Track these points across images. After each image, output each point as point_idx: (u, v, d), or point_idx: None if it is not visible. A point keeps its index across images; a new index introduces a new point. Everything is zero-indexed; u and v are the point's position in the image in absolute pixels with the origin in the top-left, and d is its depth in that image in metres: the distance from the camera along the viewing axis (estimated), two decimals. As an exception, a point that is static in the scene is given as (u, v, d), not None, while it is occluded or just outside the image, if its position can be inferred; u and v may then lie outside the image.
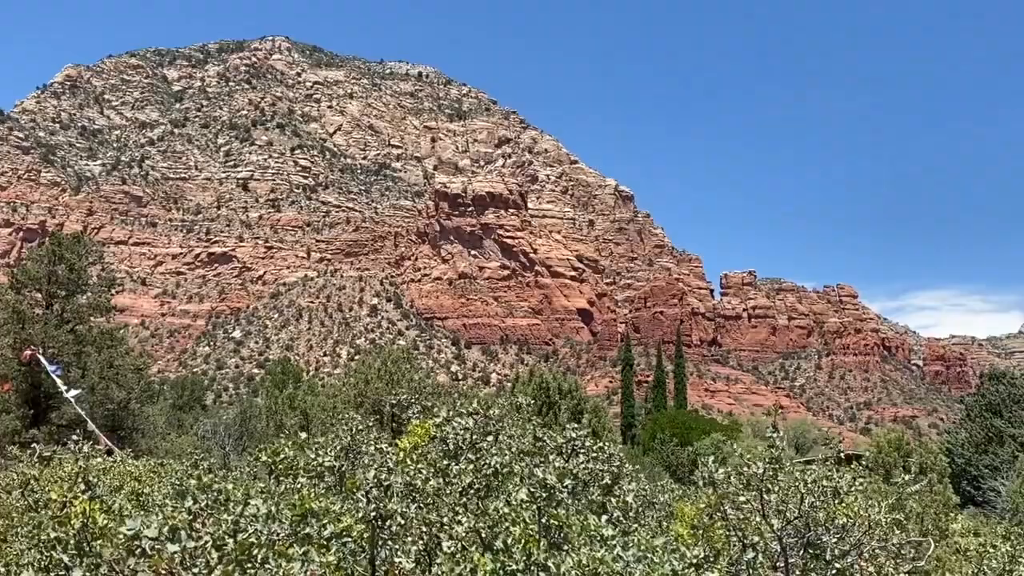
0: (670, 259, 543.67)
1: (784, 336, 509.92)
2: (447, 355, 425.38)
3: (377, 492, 7.59)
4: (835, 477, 11.51)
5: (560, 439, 11.22)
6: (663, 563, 7.32)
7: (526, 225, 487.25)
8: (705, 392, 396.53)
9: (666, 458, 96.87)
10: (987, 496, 63.92)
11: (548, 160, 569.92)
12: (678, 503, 17.32)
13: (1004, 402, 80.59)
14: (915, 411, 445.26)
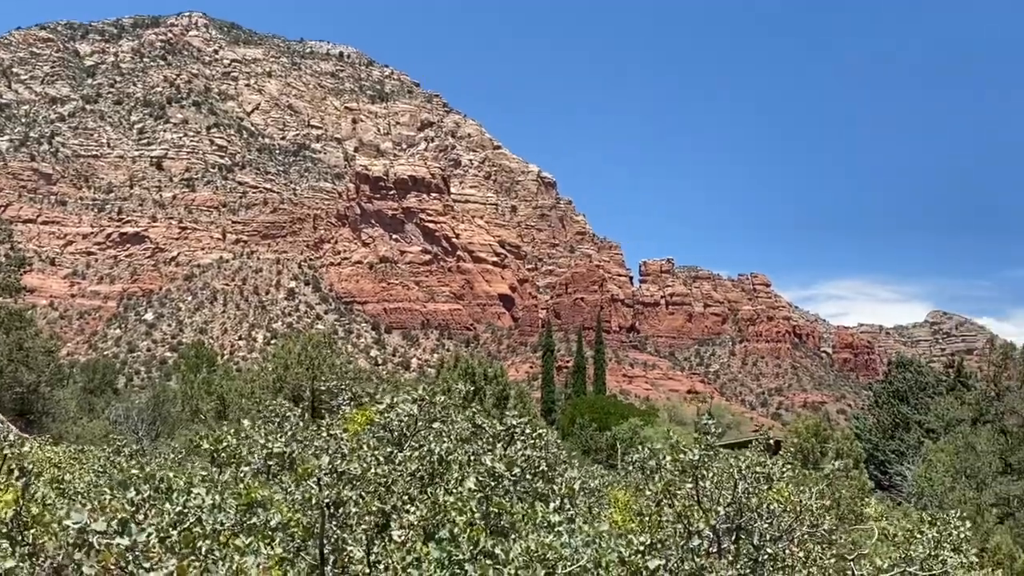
0: (591, 246, 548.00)
1: (700, 323, 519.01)
2: (367, 340, 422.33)
3: (330, 479, 7.48)
4: (768, 463, 11.75)
5: (500, 426, 11.22)
6: (611, 549, 7.37)
7: (448, 210, 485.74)
8: (623, 377, 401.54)
9: (585, 443, 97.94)
10: (894, 481, 66.11)
11: (471, 145, 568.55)
12: (609, 489, 17.51)
13: (910, 389, 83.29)
14: (824, 397, 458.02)
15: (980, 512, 51.60)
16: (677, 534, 10.07)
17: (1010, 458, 60.16)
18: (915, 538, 11.86)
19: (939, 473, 54.03)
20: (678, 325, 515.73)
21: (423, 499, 8.35)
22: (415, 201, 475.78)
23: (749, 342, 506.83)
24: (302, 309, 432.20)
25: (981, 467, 57.10)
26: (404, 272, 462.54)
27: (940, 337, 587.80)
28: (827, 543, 12.62)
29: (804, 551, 12.38)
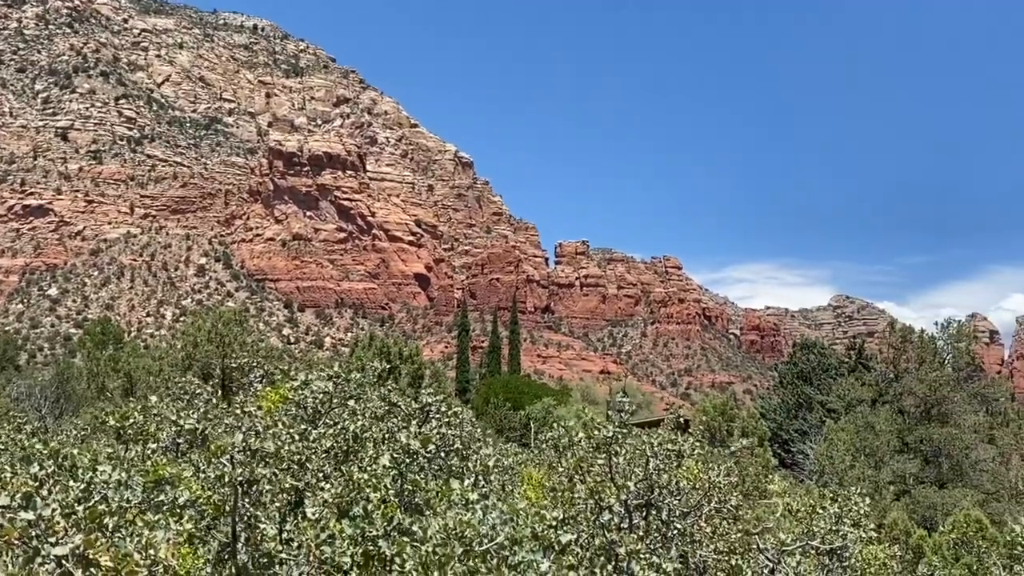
0: (507, 227, 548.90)
1: (613, 304, 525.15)
2: (279, 318, 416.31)
3: (244, 457, 7.36)
4: (679, 441, 11.99)
5: (415, 404, 11.20)
6: (526, 525, 7.44)
7: (364, 187, 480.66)
8: (538, 358, 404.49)
9: (499, 422, 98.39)
10: (796, 459, 67.99)
11: (388, 122, 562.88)
12: (522, 467, 17.65)
13: (813, 370, 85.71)
14: (731, 377, 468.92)
15: (878, 489, 53.56)
16: (588, 509, 10.21)
17: (907, 437, 62.49)
18: (817, 514, 12.26)
19: (840, 451, 55.78)
20: (592, 306, 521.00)
21: (337, 476, 8.30)
22: (330, 178, 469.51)
23: (661, 324, 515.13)
24: (212, 286, 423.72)
25: (880, 446, 59.19)
26: (318, 250, 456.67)
27: (843, 320, 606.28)
28: (733, 518, 12.95)
29: (711, 526, 12.68)
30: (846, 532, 12.11)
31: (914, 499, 54.66)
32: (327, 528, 7.29)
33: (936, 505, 52.23)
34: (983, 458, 60.70)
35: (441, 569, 6.74)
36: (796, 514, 13.16)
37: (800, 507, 13.10)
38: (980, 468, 59.99)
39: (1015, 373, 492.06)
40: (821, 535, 12.29)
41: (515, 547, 7.23)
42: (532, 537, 7.60)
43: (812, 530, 11.99)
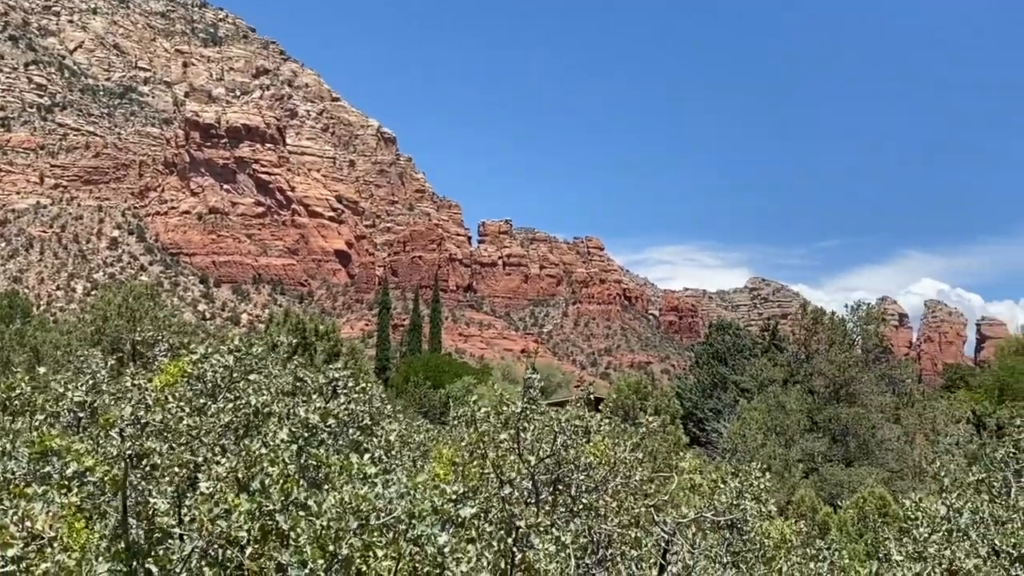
0: (430, 204, 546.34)
1: (535, 284, 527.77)
2: (194, 293, 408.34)
3: (133, 429, 7.16)
4: (586, 417, 12.09)
5: (321, 379, 11.07)
6: (425, 499, 7.41)
7: (283, 161, 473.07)
8: (459, 336, 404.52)
9: (419, 400, 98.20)
10: (710, 437, 69.33)
11: (309, 95, 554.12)
12: (434, 443, 17.64)
13: (729, 351, 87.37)
14: (650, 357, 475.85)
15: (788, 467, 54.96)
16: (490, 483, 10.24)
17: (816, 416, 64.16)
18: (719, 488, 12.51)
19: (752, 430, 57.04)
20: (514, 286, 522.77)
21: (236, 451, 8.15)
22: (248, 151, 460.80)
23: (582, 304, 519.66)
24: (125, 259, 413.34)
25: (790, 425, 60.66)
26: (235, 224, 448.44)
27: (758, 302, 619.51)
28: (640, 494, 13.12)
29: (617, 501, 12.83)
30: (747, 507, 12.37)
31: (822, 477, 56.18)
32: (223, 502, 7.15)
33: (843, 483, 53.78)
34: (889, 437, 62.61)
35: (336, 543, 6.67)
36: (699, 489, 13.40)
37: (704, 482, 13.35)
38: (886, 447, 61.88)
39: (922, 355, 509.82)
40: (723, 509, 12.53)
41: (413, 521, 7.20)
42: (432, 511, 7.57)
43: (714, 504, 12.22)
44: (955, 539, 10.51)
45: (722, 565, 11.97)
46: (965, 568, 9.43)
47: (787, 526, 29.97)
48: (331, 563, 6.71)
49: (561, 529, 8.93)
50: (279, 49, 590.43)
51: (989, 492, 12.61)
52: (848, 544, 29.12)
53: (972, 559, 9.77)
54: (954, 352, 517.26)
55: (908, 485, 49.66)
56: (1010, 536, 10.51)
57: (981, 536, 11.02)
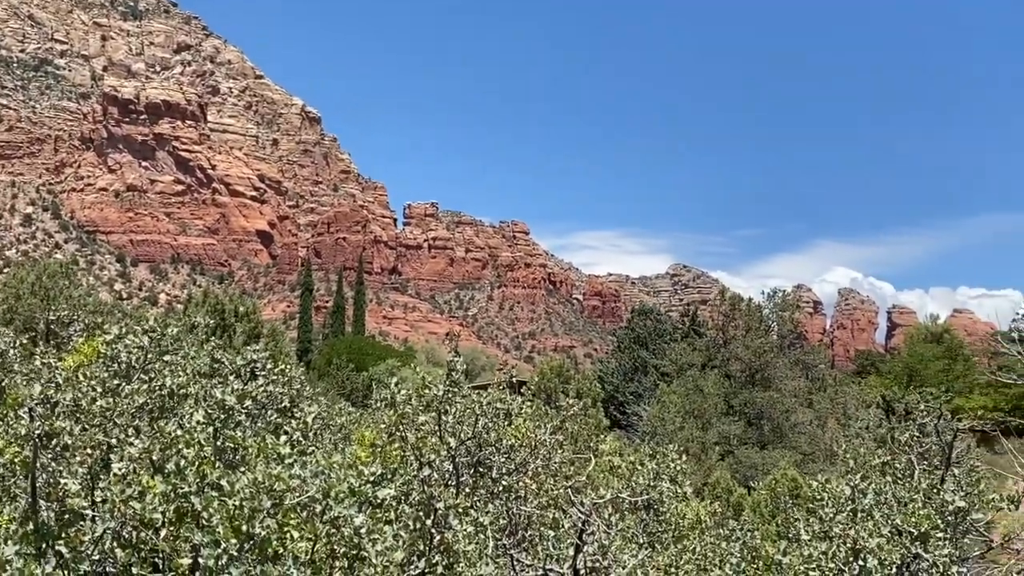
0: (355, 186, 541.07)
1: (461, 267, 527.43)
2: (111, 272, 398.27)
3: (43, 409, 7.01)
4: (508, 400, 12.20)
5: (239, 361, 10.95)
6: (341, 480, 7.41)
7: (205, 139, 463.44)
8: (384, 319, 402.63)
9: (342, 383, 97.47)
10: (631, 420, 70.31)
11: (231, 72, 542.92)
12: (355, 426, 17.57)
13: (650, 335, 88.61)
14: (573, 341, 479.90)
15: (705, 450, 56.06)
16: (409, 465, 10.28)
17: (732, 400, 65.54)
18: (637, 470, 12.75)
19: (671, 413, 58.01)
20: (440, 269, 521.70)
21: (150, 432, 8.04)
22: (168, 128, 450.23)
23: (507, 288, 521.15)
24: (40, 237, 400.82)
25: (707, 408, 61.86)
26: (154, 202, 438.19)
27: (679, 288, 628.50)
28: (560, 475, 13.30)
29: (537, 483, 12.99)
30: (663, 488, 12.63)
31: (737, 459, 57.46)
32: (137, 484, 7.06)
33: (757, 465, 55.07)
34: (801, 421, 64.29)
35: (248, 523, 6.64)
36: (618, 471, 13.63)
37: (622, 464, 13.58)
38: (798, 430, 63.52)
39: (835, 342, 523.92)
40: (640, 490, 12.77)
41: (330, 502, 7.19)
42: (349, 492, 7.57)
43: (631, 486, 12.45)
44: (859, 519, 10.89)
45: (638, 545, 12.20)
46: (868, 546, 9.79)
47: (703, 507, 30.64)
48: (245, 543, 6.68)
49: (480, 510, 9.01)
50: (201, 25, 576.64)
51: (893, 474, 13.09)
52: (761, 525, 29.88)
53: (875, 538, 10.14)
54: (866, 339, 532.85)
55: (819, 467, 51.06)
56: (911, 516, 10.94)
57: (885, 516, 11.45)
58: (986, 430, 52.50)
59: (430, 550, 8.25)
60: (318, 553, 7.51)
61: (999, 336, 52.70)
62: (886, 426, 59.44)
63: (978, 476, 13.77)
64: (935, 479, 12.80)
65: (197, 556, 6.87)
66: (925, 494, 11.88)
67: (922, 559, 11.10)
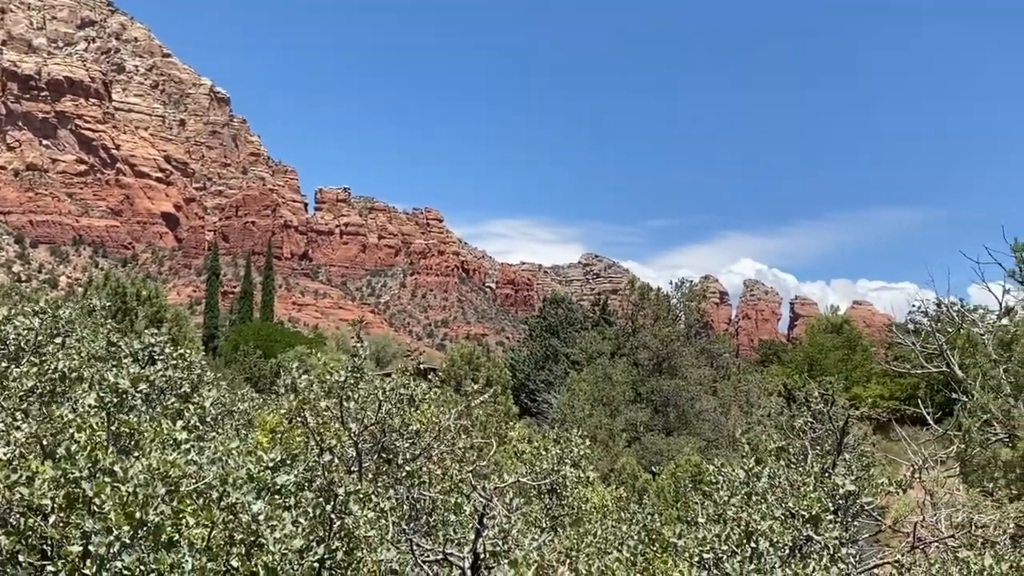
0: (265, 169, 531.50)
1: (373, 254, 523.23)
2: (9, 254, 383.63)
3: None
4: (411, 386, 12.20)
5: (137, 345, 10.70)
6: (239, 466, 7.33)
7: (109, 118, 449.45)
8: (293, 305, 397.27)
9: (249, 370, 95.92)
10: (541, 408, 70.92)
11: (138, 50, 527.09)
12: (258, 412, 17.35)
13: (561, 324, 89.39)
14: (486, 329, 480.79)
15: (612, 436, 56.88)
16: (310, 450, 10.21)
17: (640, 388, 66.59)
18: (541, 455, 12.90)
19: (580, 401, 58.67)
20: (352, 255, 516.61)
21: (39, 416, 7.82)
22: (71, 105, 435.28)
23: (420, 275, 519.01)
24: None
25: (615, 396, 62.74)
26: (55, 182, 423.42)
27: (591, 277, 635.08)
28: (465, 461, 13.36)
29: (442, 468, 13.02)
30: (566, 472, 12.81)
31: (643, 445, 58.42)
32: (24, 469, 6.87)
33: (662, 451, 56.09)
34: (706, 408, 65.66)
35: (142, 510, 6.53)
36: (523, 456, 13.77)
37: (527, 450, 13.73)
38: (703, 417, 64.88)
39: (740, 331, 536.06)
40: (544, 474, 12.92)
41: (227, 488, 7.11)
42: (248, 478, 7.50)
43: (535, 470, 12.59)
44: (753, 502, 11.22)
45: (540, 529, 12.36)
46: (760, 529, 10.09)
47: (608, 492, 31.09)
48: (138, 530, 6.56)
49: (382, 496, 9.01)
50: (106, 0, 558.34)
51: (787, 459, 13.51)
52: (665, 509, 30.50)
53: (768, 520, 10.45)
54: (769, 329, 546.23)
55: (722, 454, 52.29)
56: (803, 499, 11.31)
57: (778, 499, 11.81)
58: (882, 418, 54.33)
59: (330, 536, 8.22)
60: (215, 540, 7.41)
61: (895, 328, 54.64)
62: (787, 414, 61.19)
63: (868, 461, 14.30)
64: (827, 463, 13.25)
65: (88, 543, 6.73)
66: (817, 478, 12.29)
67: (813, 541, 11.49)
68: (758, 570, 9.30)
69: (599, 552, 11.71)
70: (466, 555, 9.58)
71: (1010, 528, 19.29)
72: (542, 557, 8.60)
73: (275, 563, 7.25)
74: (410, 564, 8.25)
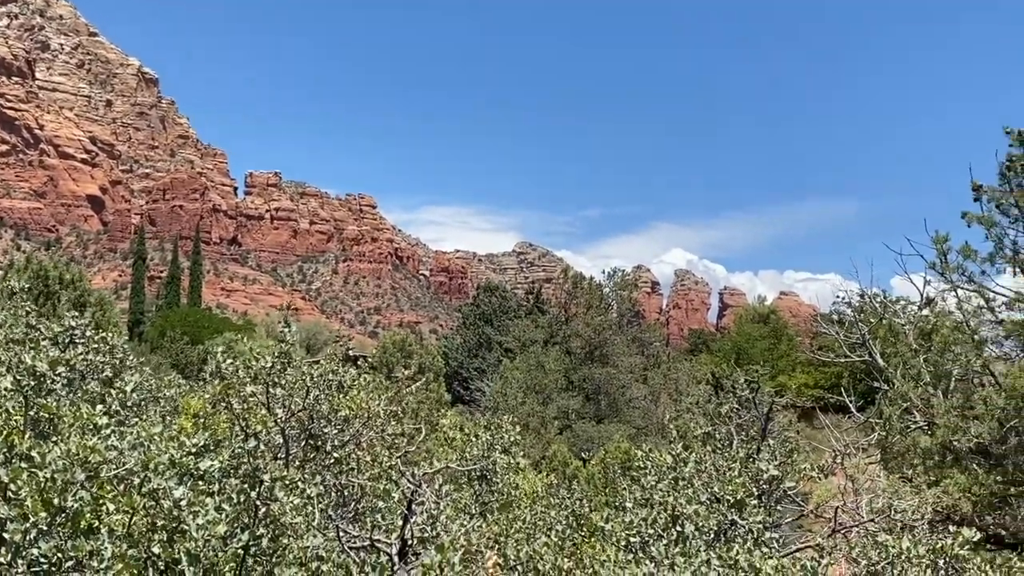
0: (194, 152, 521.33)
1: (305, 240, 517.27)
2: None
3: None
4: (340, 372, 12.10)
5: (57, 328, 10.43)
6: (162, 452, 7.19)
7: (32, 97, 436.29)
8: (222, 291, 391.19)
9: (176, 356, 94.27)
10: (474, 396, 71.03)
11: (63, 28, 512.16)
12: (184, 398, 17.06)
13: (495, 312, 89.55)
14: (419, 317, 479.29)
15: (544, 424, 57.21)
16: (234, 436, 10.07)
17: (572, 376, 67.08)
18: (471, 441, 12.91)
19: (513, 389, 58.89)
20: (282, 240, 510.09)
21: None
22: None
23: (352, 261, 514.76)
24: None
25: (548, 384, 63.10)
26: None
27: (525, 266, 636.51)
28: (395, 447, 13.31)
29: (372, 455, 12.95)
30: (496, 458, 12.84)
31: (575, 433, 58.89)
32: (-67, 456, 6.64)
33: (593, 438, 56.62)
34: (637, 396, 66.45)
35: (61, 496, 6.37)
36: (453, 443, 13.77)
37: (458, 437, 13.72)
38: (633, 405, 65.65)
39: (671, 321, 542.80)
40: (474, 460, 12.94)
41: (148, 473, 6.98)
42: (170, 464, 7.36)
43: (466, 456, 12.60)
44: (680, 487, 11.38)
45: (470, 515, 12.37)
46: (686, 513, 10.24)
47: (539, 479, 31.26)
48: (56, 517, 6.40)
49: (308, 482, 8.92)
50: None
51: (713, 445, 13.73)
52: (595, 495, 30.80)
53: (693, 505, 10.61)
54: (699, 318, 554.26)
55: (652, 440, 52.97)
56: (728, 484, 11.51)
57: (704, 484, 12.00)
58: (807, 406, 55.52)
59: (255, 523, 8.11)
60: (136, 527, 7.27)
61: (820, 318, 55.85)
62: (715, 401, 62.23)
63: (791, 447, 14.61)
64: (752, 449, 13.50)
65: (2, 531, 6.54)
66: (742, 464, 12.51)
67: (738, 525, 11.70)
68: (683, 553, 9.43)
69: (528, 537, 11.77)
70: (393, 541, 9.54)
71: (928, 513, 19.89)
72: (469, 542, 8.61)
73: (198, 549, 7.14)
74: (336, 551, 8.19)
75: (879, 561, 9.96)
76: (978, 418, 25.13)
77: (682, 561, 9.01)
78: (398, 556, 9.40)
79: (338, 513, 10.96)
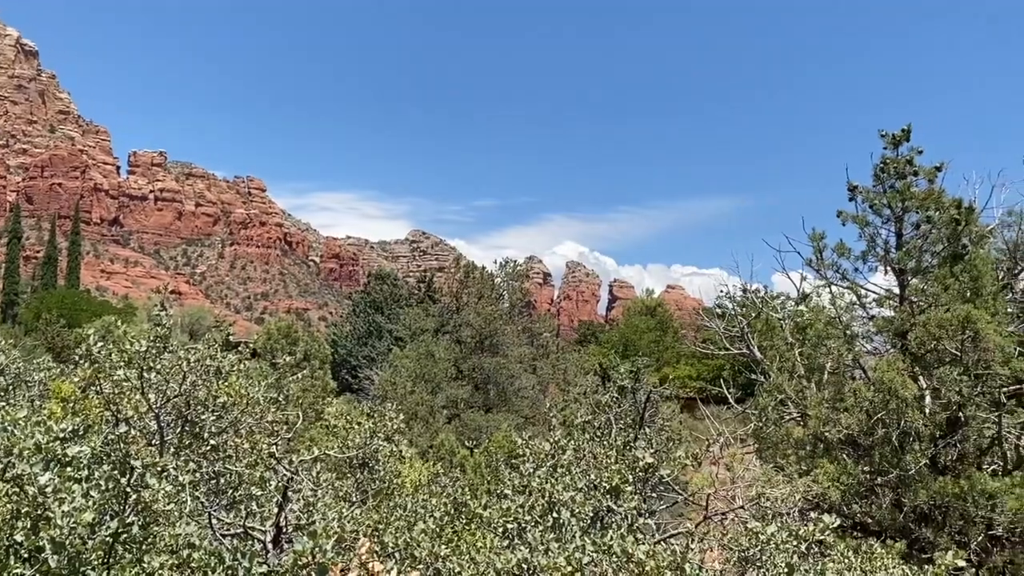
0: (75, 128, 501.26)
1: (190, 222, 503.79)
2: None
3: None
4: (219, 357, 11.90)
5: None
6: (27, 436, 6.99)
7: None
8: (102, 273, 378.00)
9: (51, 340, 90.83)
10: (363, 384, 70.52)
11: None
12: (55, 382, 16.49)
13: (386, 300, 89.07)
14: (308, 304, 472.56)
15: (433, 413, 57.25)
16: (105, 421, 9.83)
17: (462, 365, 67.21)
18: (353, 428, 12.89)
19: (402, 378, 58.69)
20: (167, 222, 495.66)
21: None
22: None
23: (239, 246, 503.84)
24: None
25: (437, 373, 63.09)
26: None
27: (418, 254, 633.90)
28: (275, 434, 13.16)
29: (251, 442, 12.78)
30: (379, 446, 12.85)
31: (463, 422, 59.08)
32: None
33: (481, 427, 56.91)
34: (525, 386, 67.02)
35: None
36: (335, 431, 13.71)
37: (340, 424, 13.67)
38: (522, 395, 66.18)
39: (561, 311, 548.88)
40: (356, 447, 12.92)
41: (11, 459, 6.78)
42: (36, 449, 7.16)
43: (347, 444, 12.57)
44: (559, 474, 11.60)
45: (349, 503, 12.35)
46: (563, 499, 10.46)
47: (425, 467, 31.31)
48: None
49: (181, 469, 8.78)
50: None
51: (593, 432, 14.03)
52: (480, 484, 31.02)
53: (570, 491, 10.85)
54: (589, 310, 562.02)
55: (539, 430, 53.57)
56: (605, 471, 11.79)
57: (582, 471, 12.26)
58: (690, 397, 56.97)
59: (125, 510, 7.95)
60: (1, 514, 7.06)
61: (703, 311, 57.35)
62: (602, 392, 63.36)
63: (668, 435, 15.04)
64: (629, 437, 13.84)
65: None
66: (619, 451, 12.83)
67: (614, 512, 12.01)
68: (559, 539, 9.64)
69: (408, 525, 11.83)
70: (268, 528, 9.47)
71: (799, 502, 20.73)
72: (343, 528, 8.62)
73: (63, 537, 6.97)
74: (208, 538, 8.09)
75: (749, 547, 10.37)
76: (848, 410, 26.25)
77: (556, 547, 9.21)
78: (272, 543, 9.34)
79: (213, 501, 10.80)
